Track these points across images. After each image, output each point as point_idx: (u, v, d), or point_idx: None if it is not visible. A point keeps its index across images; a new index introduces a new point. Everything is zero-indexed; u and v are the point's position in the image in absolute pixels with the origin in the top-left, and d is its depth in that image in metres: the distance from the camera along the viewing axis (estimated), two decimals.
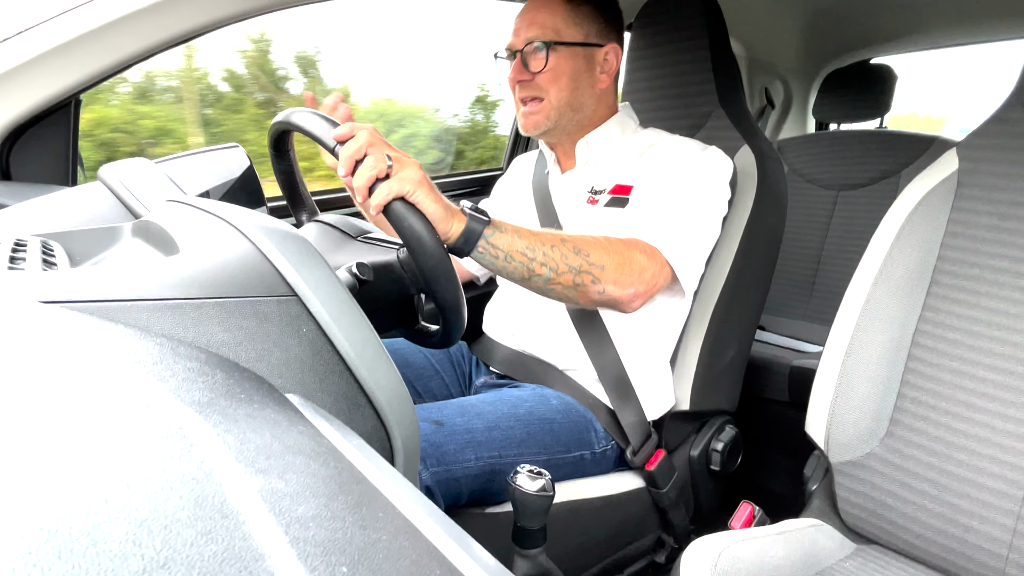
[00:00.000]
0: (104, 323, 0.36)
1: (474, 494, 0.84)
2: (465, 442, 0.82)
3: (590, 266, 0.77)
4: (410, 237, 0.66)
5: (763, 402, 1.48)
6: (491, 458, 0.84)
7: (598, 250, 0.78)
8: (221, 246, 0.48)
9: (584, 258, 0.77)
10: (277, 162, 0.88)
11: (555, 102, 0.98)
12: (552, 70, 0.96)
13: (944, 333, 0.80)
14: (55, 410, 0.24)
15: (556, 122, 0.99)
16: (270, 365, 0.43)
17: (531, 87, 0.97)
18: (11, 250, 0.52)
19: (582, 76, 0.98)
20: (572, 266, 0.76)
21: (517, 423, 0.89)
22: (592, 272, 0.77)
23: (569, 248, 0.76)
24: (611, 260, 0.79)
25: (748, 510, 0.89)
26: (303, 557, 0.21)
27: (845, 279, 0.87)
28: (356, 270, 0.67)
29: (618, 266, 0.79)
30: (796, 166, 1.80)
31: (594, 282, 0.78)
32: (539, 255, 0.74)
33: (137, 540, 0.18)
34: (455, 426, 0.83)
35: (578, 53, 0.97)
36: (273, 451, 0.28)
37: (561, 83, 0.97)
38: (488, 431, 0.85)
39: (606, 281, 0.79)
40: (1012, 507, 0.73)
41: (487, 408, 0.89)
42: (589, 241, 0.79)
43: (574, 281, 0.77)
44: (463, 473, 0.81)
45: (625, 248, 0.82)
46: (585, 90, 0.99)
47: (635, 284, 0.81)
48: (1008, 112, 0.81)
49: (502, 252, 0.73)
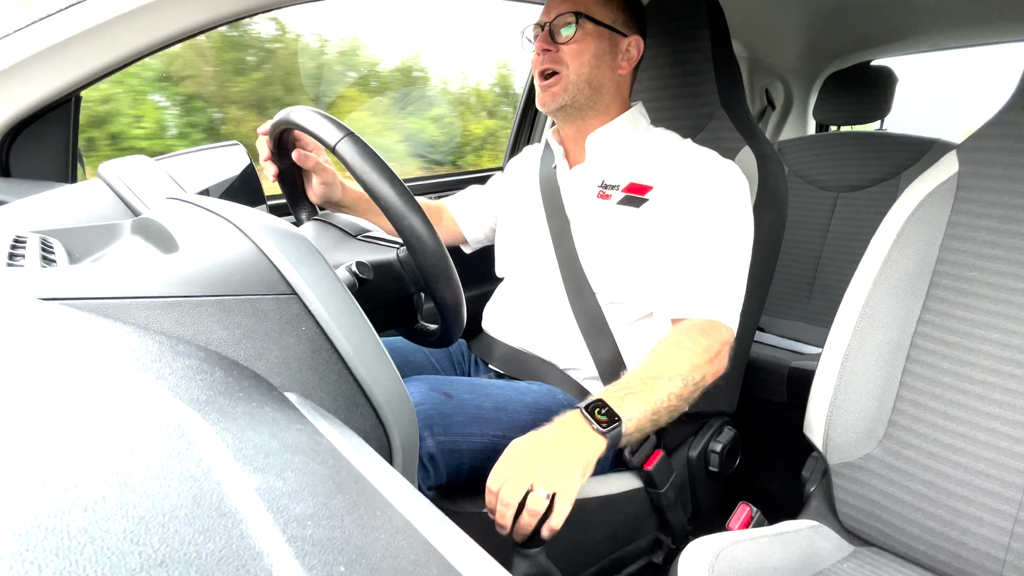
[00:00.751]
0: (103, 320, 0.36)
1: (475, 469, 0.84)
2: (473, 416, 0.84)
3: (691, 383, 0.80)
4: (410, 236, 0.66)
5: (762, 403, 1.48)
6: (495, 437, 0.84)
7: (685, 364, 0.81)
8: (221, 244, 0.48)
9: (685, 383, 0.80)
10: (278, 160, 0.88)
11: (574, 76, 0.99)
12: (578, 43, 0.97)
13: (943, 336, 0.80)
14: (53, 407, 0.24)
15: (574, 98, 1.00)
16: (269, 363, 0.43)
17: (553, 58, 0.98)
18: (10, 247, 0.52)
19: (604, 57, 1.00)
20: (684, 397, 0.80)
21: (524, 408, 0.89)
22: (699, 387, 0.82)
23: (679, 383, 0.79)
24: (699, 363, 0.82)
25: (746, 511, 0.89)
26: (301, 556, 0.21)
27: (844, 281, 0.87)
28: (356, 269, 0.67)
29: (706, 363, 0.82)
30: (796, 167, 1.80)
31: (700, 389, 0.82)
32: (662, 412, 0.77)
33: (135, 538, 0.18)
34: (464, 400, 0.85)
35: (604, 34, 0.99)
36: (271, 449, 0.28)
37: (583, 59, 0.98)
38: (496, 411, 0.86)
39: (705, 384, 0.83)
40: (1010, 509, 0.73)
41: (495, 391, 0.90)
42: (674, 361, 0.81)
43: (688, 401, 0.81)
44: (467, 446, 0.82)
45: (700, 344, 0.84)
46: (605, 72, 1.01)
47: (720, 369, 0.85)
48: (1008, 115, 0.81)
49: (635, 432, 0.75)
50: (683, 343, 0.83)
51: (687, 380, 0.80)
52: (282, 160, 0.89)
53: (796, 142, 1.85)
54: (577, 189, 1.05)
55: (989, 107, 0.85)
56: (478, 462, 0.83)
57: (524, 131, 1.77)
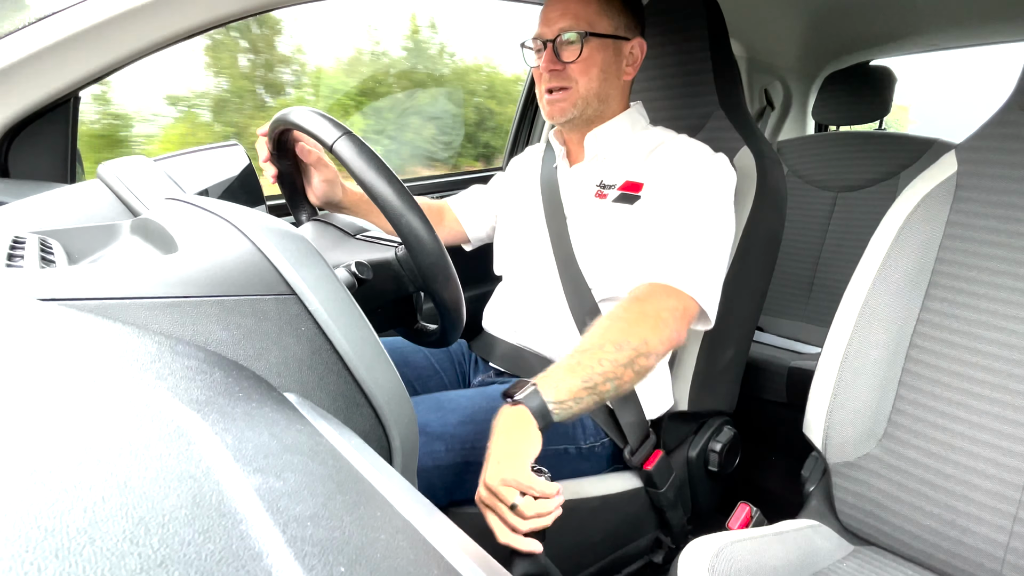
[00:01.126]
0: (102, 321, 0.36)
1: (449, 488, 0.83)
2: (436, 435, 0.83)
3: (636, 350, 0.78)
4: (408, 235, 0.66)
5: (761, 403, 1.48)
6: (463, 450, 0.84)
7: (633, 329, 0.79)
8: (220, 244, 0.48)
9: (629, 348, 0.78)
10: (277, 160, 0.88)
11: (583, 92, 0.99)
12: (585, 60, 0.97)
13: (942, 335, 0.80)
14: (53, 408, 0.24)
15: (582, 111, 1.00)
16: (268, 364, 0.43)
17: (561, 77, 0.98)
18: (9, 247, 0.52)
19: (611, 67, 1.00)
20: (624, 363, 0.77)
21: (492, 415, 0.89)
22: (640, 351, 0.79)
23: (613, 347, 0.77)
24: (647, 330, 0.80)
25: (746, 511, 0.89)
26: (300, 556, 0.21)
27: (844, 280, 0.88)
28: (355, 269, 0.67)
29: (654, 330, 0.81)
30: (795, 167, 1.80)
31: (647, 357, 0.80)
32: (597, 377, 0.75)
33: (135, 539, 0.18)
34: (429, 420, 0.84)
35: (608, 45, 0.99)
36: (271, 450, 0.28)
37: (592, 74, 0.98)
38: (462, 424, 0.86)
39: (654, 352, 0.81)
40: (1009, 508, 0.73)
41: (464, 403, 0.89)
42: (620, 327, 0.80)
43: (634, 371, 0.79)
44: (433, 464, 0.81)
45: (651, 306, 0.82)
46: (612, 81, 1.01)
47: (671, 336, 0.83)
48: (1007, 115, 0.81)
49: (570, 400, 0.74)
50: (635, 312, 0.82)
51: (622, 344, 0.77)
52: (281, 161, 0.89)
53: (795, 142, 1.85)
54: (576, 188, 1.06)
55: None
56: (449, 480, 0.83)
57: (523, 131, 1.77)
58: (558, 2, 0.98)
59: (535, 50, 1.01)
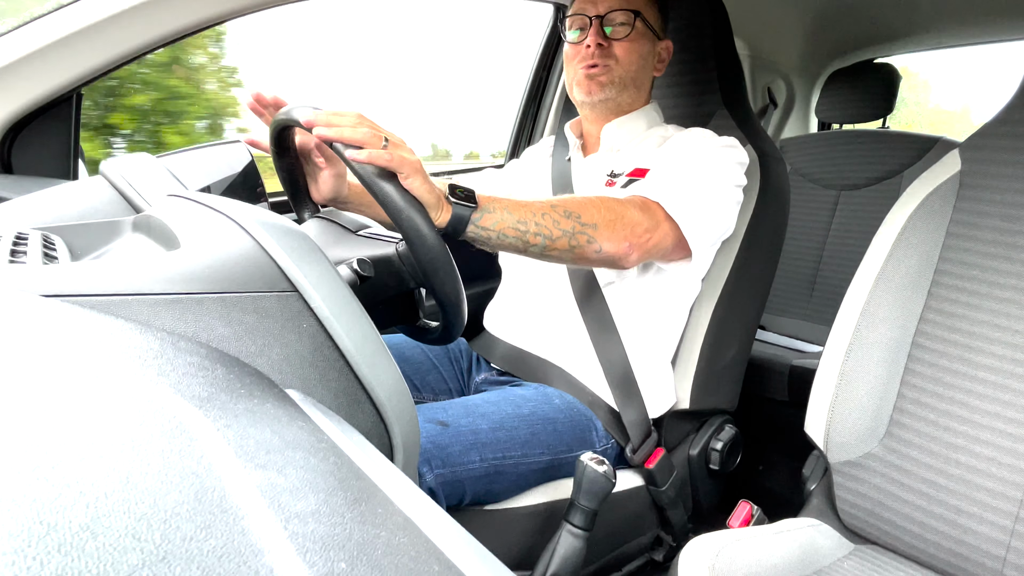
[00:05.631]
0: (105, 317, 0.36)
1: (476, 494, 0.84)
2: (470, 444, 0.82)
3: (583, 227, 0.76)
4: (408, 229, 0.65)
5: (763, 401, 1.48)
6: (495, 459, 0.84)
7: (589, 209, 0.78)
8: (222, 241, 0.48)
9: (576, 220, 0.76)
10: (278, 158, 0.88)
11: (622, 72, 0.99)
12: (631, 41, 0.98)
13: (945, 334, 0.80)
14: (55, 404, 0.24)
15: (619, 93, 1.01)
16: (270, 360, 0.43)
17: (606, 53, 0.98)
18: (12, 243, 0.52)
19: (648, 58, 1.01)
20: (565, 230, 0.75)
21: (521, 423, 0.89)
22: (586, 232, 0.77)
23: (560, 212, 0.76)
24: (603, 217, 0.78)
25: (747, 509, 0.89)
26: (302, 552, 0.21)
27: (846, 279, 0.87)
28: (357, 266, 0.67)
29: (610, 222, 0.79)
30: (798, 166, 1.80)
31: (589, 241, 0.77)
32: (531, 226, 0.74)
33: (137, 534, 0.18)
34: (460, 427, 0.83)
35: (650, 36, 1.00)
36: (273, 446, 0.28)
37: (633, 58, 0.99)
38: (492, 432, 0.85)
39: (601, 239, 0.78)
40: (1010, 508, 0.73)
41: (491, 408, 0.89)
42: (580, 202, 0.78)
43: (569, 244, 0.76)
44: (467, 475, 0.81)
45: (618, 205, 0.81)
46: (647, 72, 1.02)
47: (628, 238, 0.80)
48: (1011, 113, 0.81)
49: (493, 232, 0.72)
50: (604, 200, 0.81)
51: (576, 223, 0.76)
52: (282, 159, 0.88)
53: (798, 140, 1.85)
54: (588, 178, 1.06)
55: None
56: (479, 487, 0.83)
57: (525, 130, 1.77)
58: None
59: (578, 28, 1.00)
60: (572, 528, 0.76)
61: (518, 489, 0.89)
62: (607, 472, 0.75)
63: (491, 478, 0.84)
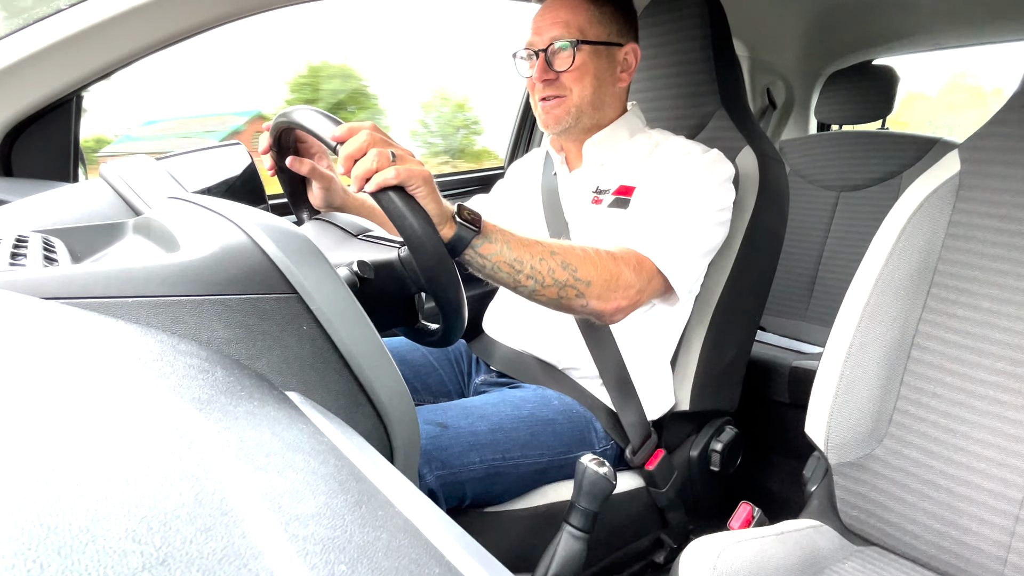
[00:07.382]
0: (105, 320, 0.36)
1: (477, 496, 0.84)
2: (469, 445, 0.83)
3: (576, 281, 0.77)
4: (411, 236, 0.66)
5: (763, 403, 1.48)
6: (495, 460, 0.84)
7: (586, 265, 0.78)
8: (222, 243, 0.48)
9: (571, 273, 0.77)
10: (278, 161, 0.88)
11: (577, 100, 0.98)
12: (578, 69, 0.96)
13: (945, 335, 0.80)
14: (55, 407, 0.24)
15: (577, 119, 1.00)
16: (270, 363, 0.43)
17: (555, 86, 0.97)
18: (12, 246, 0.52)
19: (605, 75, 0.99)
20: (558, 280, 0.76)
21: (520, 424, 0.89)
22: (577, 287, 0.78)
23: (558, 262, 0.76)
24: (598, 276, 0.79)
25: (747, 511, 0.89)
26: (302, 555, 0.21)
27: (846, 280, 0.87)
28: (357, 268, 0.67)
29: (604, 282, 0.80)
30: (797, 167, 1.80)
31: (578, 296, 0.79)
32: (526, 268, 0.74)
33: (136, 537, 0.18)
34: (459, 429, 0.83)
35: (601, 52, 0.97)
36: (273, 449, 0.28)
37: (585, 82, 0.97)
38: (492, 433, 0.85)
39: (590, 297, 0.79)
40: (1011, 509, 0.73)
41: (490, 410, 0.89)
42: (579, 255, 0.79)
43: (558, 294, 0.77)
44: (468, 476, 0.82)
45: (614, 263, 0.82)
46: (607, 88, 1.00)
47: (619, 300, 0.82)
48: (1010, 114, 0.81)
49: (489, 262, 0.73)
50: (601, 256, 0.81)
51: (570, 276, 0.77)
52: (282, 161, 0.88)
53: (797, 141, 1.85)
54: (575, 194, 1.06)
55: None
56: (479, 488, 0.84)
57: (523, 136, 1.77)
58: (548, 11, 0.97)
59: (527, 60, 0.99)
60: (572, 530, 0.76)
61: (518, 490, 0.89)
62: (607, 473, 0.75)
63: (491, 479, 0.84)
